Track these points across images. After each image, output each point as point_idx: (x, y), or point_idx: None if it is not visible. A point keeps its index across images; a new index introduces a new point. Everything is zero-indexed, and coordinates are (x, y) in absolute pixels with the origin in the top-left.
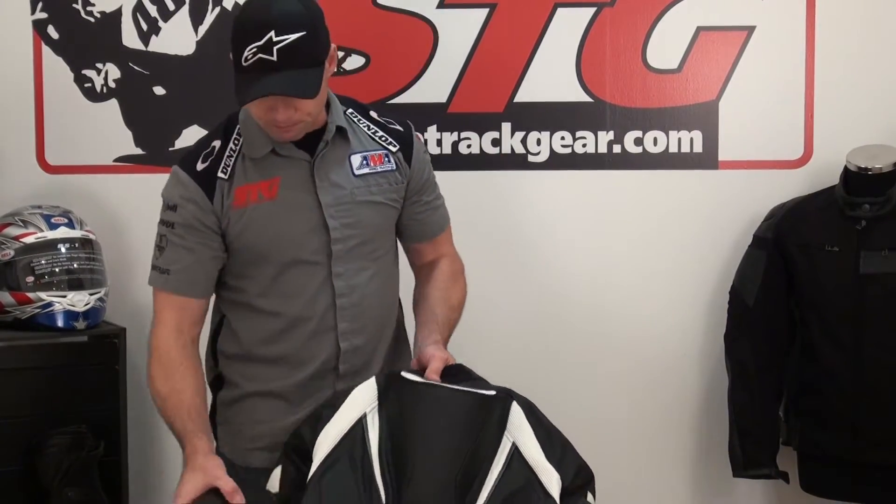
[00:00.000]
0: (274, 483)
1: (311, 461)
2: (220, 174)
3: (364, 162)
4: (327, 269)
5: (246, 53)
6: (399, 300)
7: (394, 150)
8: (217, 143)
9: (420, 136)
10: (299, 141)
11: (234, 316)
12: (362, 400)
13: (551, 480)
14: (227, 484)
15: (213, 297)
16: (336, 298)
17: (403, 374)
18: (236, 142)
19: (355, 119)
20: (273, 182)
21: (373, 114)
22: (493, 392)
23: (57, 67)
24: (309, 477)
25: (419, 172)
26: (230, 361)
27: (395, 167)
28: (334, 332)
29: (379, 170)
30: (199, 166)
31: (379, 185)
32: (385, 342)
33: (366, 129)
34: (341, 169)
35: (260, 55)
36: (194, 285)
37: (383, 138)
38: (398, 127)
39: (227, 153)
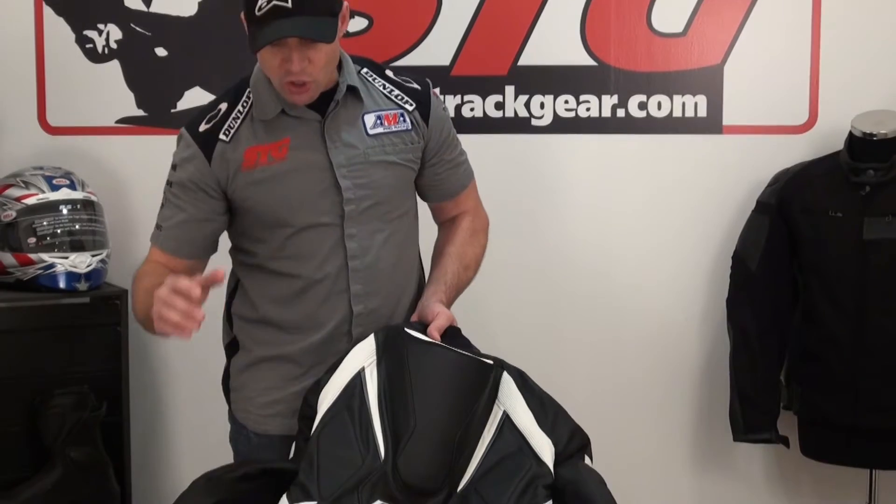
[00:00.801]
0: None
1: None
2: (221, 136)
3: (378, 121)
4: (340, 231)
5: (260, 2)
6: (421, 267)
7: (410, 108)
8: (224, 106)
9: (437, 92)
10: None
11: (247, 279)
12: (361, 355)
13: (543, 447)
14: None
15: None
16: (348, 260)
17: (406, 329)
18: (245, 104)
19: (370, 78)
20: (283, 143)
21: (388, 73)
22: (489, 360)
23: (58, 28)
24: (310, 434)
25: (438, 131)
26: (245, 325)
27: (410, 126)
28: (347, 295)
29: (394, 129)
30: (202, 127)
31: (394, 144)
32: (404, 307)
33: (381, 88)
34: (354, 128)
35: (274, 2)
36: (180, 245)
37: (399, 97)
38: (415, 85)
39: (232, 115)
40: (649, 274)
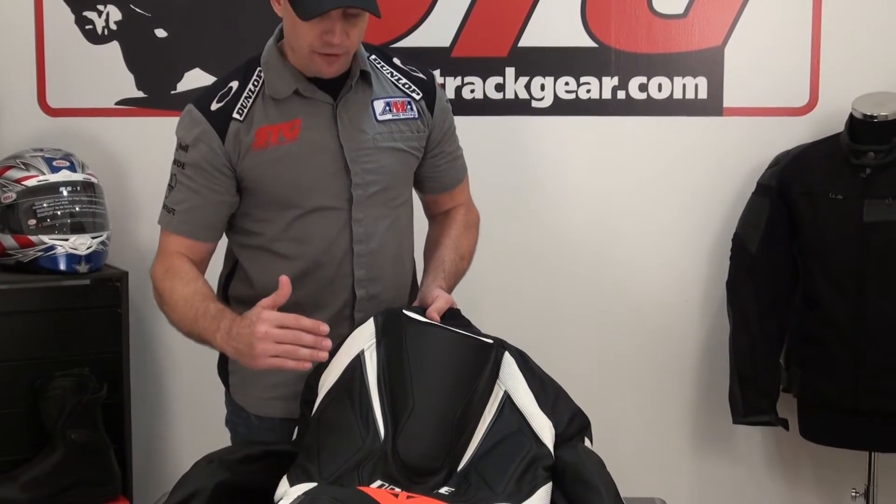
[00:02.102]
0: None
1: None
2: (234, 115)
3: (387, 108)
4: (347, 215)
5: None
6: (413, 259)
7: (417, 98)
8: (234, 84)
9: (441, 85)
10: (323, 83)
11: (248, 261)
12: (361, 337)
13: (543, 428)
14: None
15: (224, 243)
16: (353, 245)
17: (404, 311)
18: (256, 83)
19: (379, 65)
20: (294, 123)
21: (396, 61)
22: (489, 340)
23: (58, 9)
24: (311, 416)
25: (441, 122)
26: (243, 308)
27: (417, 115)
28: (351, 279)
29: (402, 117)
30: (214, 106)
31: (401, 131)
32: (403, 295)
33: (389, 75)
34: (364, 114)
35: None
36: (199, 228)
37: (406, 86)
38: (421, 75)
39: (244, 94)
40: (649, 256)
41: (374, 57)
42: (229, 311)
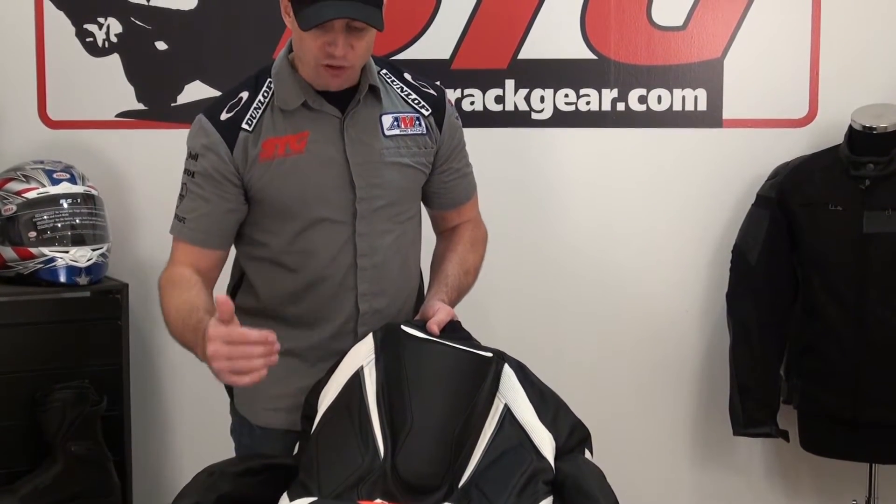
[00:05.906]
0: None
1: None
2: (244, 125)
3: (395, 123)
4: (351, 229)
5: None
6: (420, 272)
7: (426, 113)
8: (245, 95)
9: (452, 101)
10: (331, 97)
11: (254, 272)
12: (360, 354)
13: (543, 441)
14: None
15: (233, 253)
16: (357, 258)
17: (402, 327)
18: (266, 94)
19: (389, 80)
20: (302, 136)
21: (407, 76)
22: (488, 353)
23: (58, 22)
24: (311, 433)
25: (450, 138)
26: (248, 318)
27: (425, 131)
28: (354, 293)
29: (409, 132)
30: (224, 116)
31: (408, 147)
32: (408, 309)
33: (399, 90)
34: (371, 128)
35: None
36: (209, 236)
37: (416, 101)
38: (431, 91)
39: (254, 105)
40: (649, 268)
41: (384, 71)
42: (205, 321)
